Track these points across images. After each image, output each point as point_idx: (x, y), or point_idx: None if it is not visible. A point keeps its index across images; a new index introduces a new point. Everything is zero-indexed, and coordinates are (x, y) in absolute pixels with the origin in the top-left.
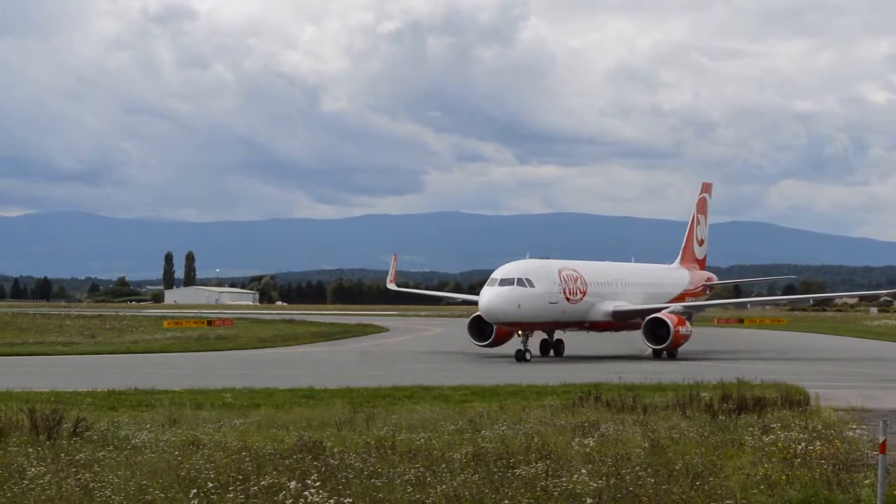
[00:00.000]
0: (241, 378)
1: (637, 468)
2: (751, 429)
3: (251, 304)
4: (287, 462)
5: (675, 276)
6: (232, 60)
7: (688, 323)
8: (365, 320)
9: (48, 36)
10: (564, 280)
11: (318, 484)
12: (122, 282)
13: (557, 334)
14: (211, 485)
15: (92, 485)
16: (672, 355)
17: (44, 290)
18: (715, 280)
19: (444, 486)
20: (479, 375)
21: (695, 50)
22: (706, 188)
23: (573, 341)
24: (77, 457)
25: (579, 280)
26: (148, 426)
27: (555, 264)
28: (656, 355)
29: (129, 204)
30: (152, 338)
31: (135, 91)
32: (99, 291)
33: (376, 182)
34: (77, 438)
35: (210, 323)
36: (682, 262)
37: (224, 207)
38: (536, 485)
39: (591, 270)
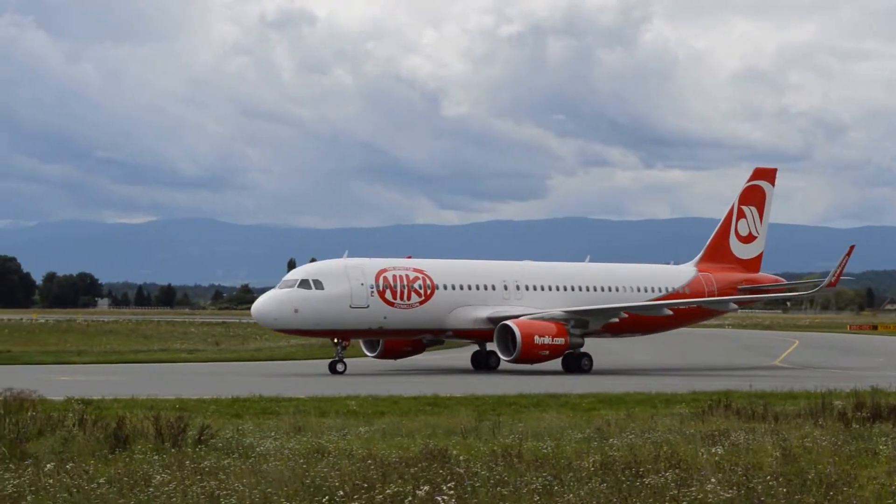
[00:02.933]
0: (365, 385)
1: (768, 478)
2: (885, 438)
3: None
4: (412, 470)
5: (657, 276)
6: (351, 65)
7: (568, 332)
8: None
9: (168, 41)
10: (388, 281)
11: (451, 492)
12: (245, 289)
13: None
14: (337, 493)
15: (217, 493)
16: (580, 368)
17: (167, 297)
18: (777, 282)
19: (571, 495)
20: (606, 384)
21: (823, 51)
22: (761, 174)
23: None
24: (202, 464)
25: (420, 281)
26: (272, 434)
27: (372, 263)
28: (566, 369)
29: (250, 210)
30: (276, 345)
31: (255, 96)
32: (222, 298)
33: (500, 187)
34: (202, 446)
35: None
36: (703, 260)
37: (346, 213)
38: (665, 494)
39: (447, 270)
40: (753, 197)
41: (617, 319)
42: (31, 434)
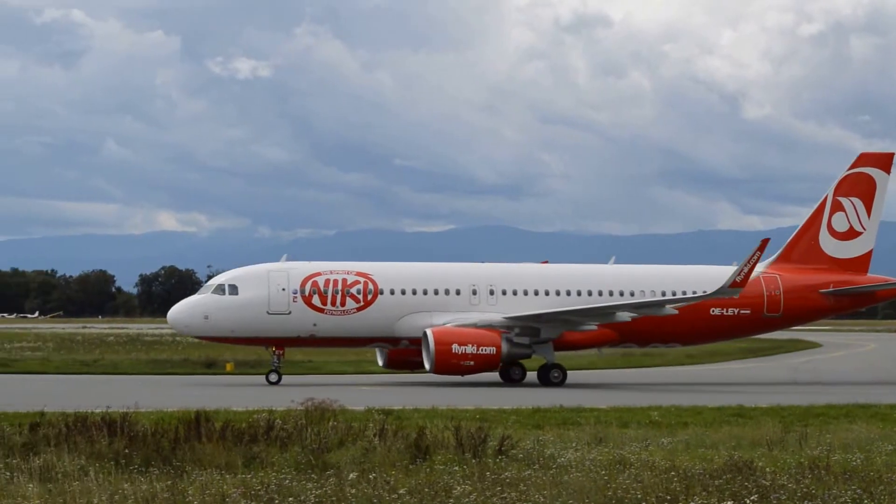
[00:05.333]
0: (668, 395)
1: None
2: None
3: None
4: (717, 483)
5: (693, 279)
6: (648, 67)
7: (507, 341)
8: (795, 335)
9: (463, 48)
10: (318, 286)
11: None
12: None
13: None
14: None
15: None
16: (548, 379)
17: None
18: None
19: None
20: None
21: None
22: (868, 160)
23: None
24: (502, 475)
25: (359, 286)
26: (573, 445)
27: (302, 267)
28: (542, 381)
29: (549, 217)
30: (575, 353)
31: (551, 102)
32: None
33: (804, 191)
34: (502, 457)
35: None
36: (780, 260)
37: (646, 219)
38: None
39: (396, 274)
40: (857, 187)
41: (594, 327)
42: (332, 444)
